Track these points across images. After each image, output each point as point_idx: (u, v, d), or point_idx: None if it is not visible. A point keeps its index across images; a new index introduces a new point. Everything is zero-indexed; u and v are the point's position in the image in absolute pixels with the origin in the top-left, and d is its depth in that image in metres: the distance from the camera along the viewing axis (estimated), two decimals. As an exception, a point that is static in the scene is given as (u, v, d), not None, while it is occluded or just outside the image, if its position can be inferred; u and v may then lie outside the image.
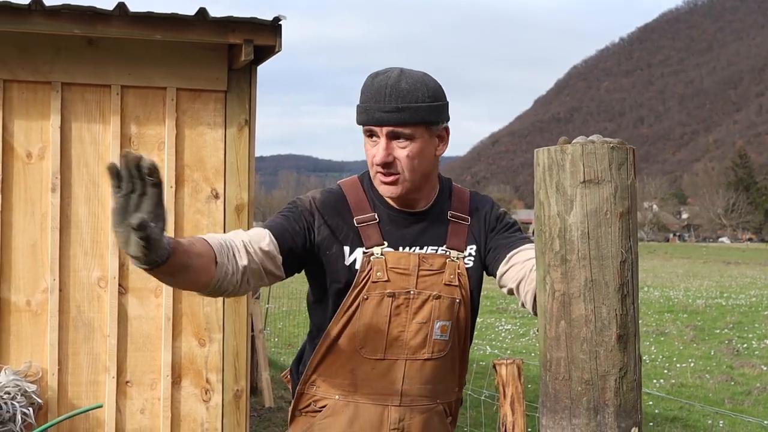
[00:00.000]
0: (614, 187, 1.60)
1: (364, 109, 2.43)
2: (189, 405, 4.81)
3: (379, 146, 2.43)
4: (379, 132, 2.42)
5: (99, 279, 4.72)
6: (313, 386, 2.57)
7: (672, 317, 18.48)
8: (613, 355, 1.60)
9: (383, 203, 2.55)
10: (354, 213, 2.52)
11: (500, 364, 4.09)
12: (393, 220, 2.53)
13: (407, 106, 2.39)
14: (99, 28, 4.48)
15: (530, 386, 8.52)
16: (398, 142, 2.43)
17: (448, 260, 2.53)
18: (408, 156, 2.43)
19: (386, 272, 2.47)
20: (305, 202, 2.52)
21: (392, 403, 2.51)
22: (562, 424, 1.62)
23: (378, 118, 2.40)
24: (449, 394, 2.62)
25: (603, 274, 1.60)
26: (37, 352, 4.66)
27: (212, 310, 4.83)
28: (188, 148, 4.83)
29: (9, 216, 4.64)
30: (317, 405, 2.57)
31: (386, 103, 2.39)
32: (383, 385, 2.50)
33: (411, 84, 2.41)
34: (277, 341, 14.39)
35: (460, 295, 2.52)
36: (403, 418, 2.52)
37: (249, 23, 4.58)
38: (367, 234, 2.50)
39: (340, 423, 2.51)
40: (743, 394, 10.65)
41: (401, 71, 2.45)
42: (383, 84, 2.40)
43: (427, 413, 2.56)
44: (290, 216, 2.49)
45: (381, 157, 2.42)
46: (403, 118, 2.40)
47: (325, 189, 2.60)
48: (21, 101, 4.66)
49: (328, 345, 2.51)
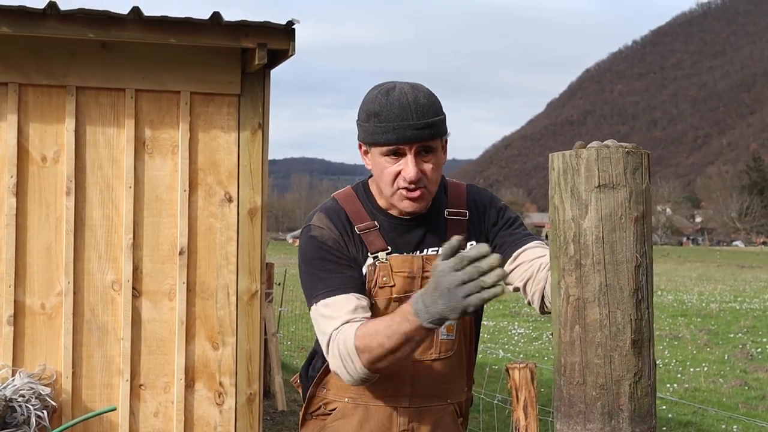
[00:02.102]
0: (629, 191, 1.60)
1: (390, 129, 2.39)
2: (202, 408, 4.82)
3: (407, 163, 2.41)
4: (407, 149, 2.40)
5: (113, 282, 4.74)
6: (323, 389, 2.59)
7: (686, 321, 18.42)
8: (628, 359, 1.59)
9: (382, 212, 2.55)
10: (354, 223, 2.52)
11: (513, 368, 4.07)
12: (394, 227, 2.54)
13: (433, 121, 2.41)
14: (113, 32, 4.50)
15: (543, 390, 8.50)
16: (423, 156, 2.43)
17: None
18: (433, 169, 2.45)
19: (391, 277, 2.48)
20: (326, 235, 2.49)
21: (402, 405, 2.52)
22: (576, 429, 1.62)
23: (410, 136, 2.38)
24: (459, 393, 2.63)
25: (618, 279, 1.60)
26: (51, 355, 4.67)
27: (225, 314, 4.84)
28: (202, 152, 4.84)
29: (24, 219, 4.66)
30: (327, 408, 2.58)
31: (416, 120, 2.38)
32: (392, 387, 2.51)
33: (427, 98, 2.43)
34: (290, 344, 14.40)
35: None
36: (412, 420, 2.53)
37: (262, 27, 4.60)
38: (369, 240, 2.50)
39: (351, 425, 2.53)
40: (757, 399, 10.60)
41: (410, 85, 2.45)
42: (405, 101, 2.39)
43: (438, 414, 2.56)
44: (339, 263, 2.47)
45: (413, 174, 2.40)
46: (432, 134, 2.41)
47: (324, 209, 2.57)
48: (36, 105, 4.69)
49: None
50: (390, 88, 2.44)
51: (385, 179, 2.46)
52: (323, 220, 2.52)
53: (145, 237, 4.77)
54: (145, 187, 4.78)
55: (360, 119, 2.49)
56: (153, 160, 4.80)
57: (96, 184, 4.74)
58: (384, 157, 2.44)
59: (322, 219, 2.52)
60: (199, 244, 4.82)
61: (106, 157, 4.76)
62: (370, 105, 2.44)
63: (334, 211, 2.54)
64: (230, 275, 4.85)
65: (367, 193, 2.58)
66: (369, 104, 2.44)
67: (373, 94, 2.46)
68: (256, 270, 4.88)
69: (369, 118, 2.43)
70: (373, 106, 2.42)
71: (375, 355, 2.26)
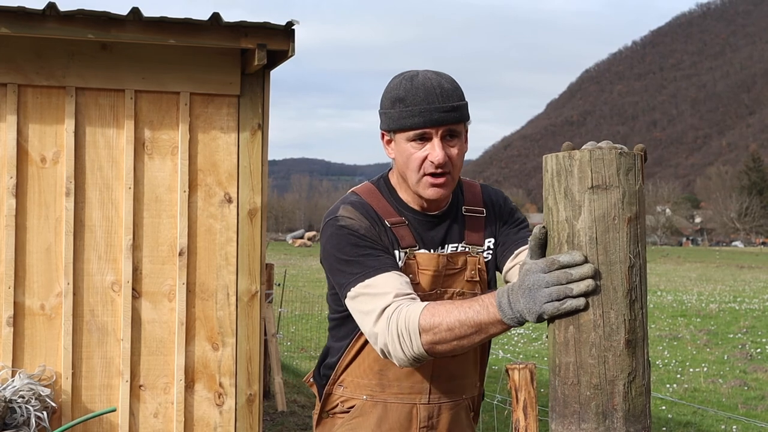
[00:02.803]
0: (622, 192, 1.61)
1: (417, 112, 2.40)
2: (202, 409, 4.83)
3: (433, 147, 2.42)
4: (434, 133, 2.42)
5: (113, 283, 4.75)
6: (341, 387, 2.60)
7: (685, 321, 18.42)
8: (622, 359, 1.60)
9: (406, 208, 2.56)
10: (384, 216, 2.52)
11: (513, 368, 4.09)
12: (420, 223, 2.55)
13: (459, 105, 2.43)
14: (113, 33, 4.50)
15: (543, 391, 8.51)
16: (449, 141, 2.44)
17: (468, 257, 2.55)
18: (458, 155, 2.46)
19: (417, 275, 2.49)
20: (358, 226, 2.45)
21: (420, 402, 2.54)
22: (571, 429, 1.63)
23: (437, 119, 2.40)
24: (473, 388, 2.65)
25: (611, 279, 1.61)
26: (51, 355, 4.68)
27: (225, 315, 4.85)
28: (201, 153, 4.85)
29: (23, 220, 4.67)
30: (345, 405, 2.59)
31: (441, 102, 2.40)
32: (411, 384, 2.52)
33: (450, 83, 2.45)
34: (290, 345, 14.40)
35: (479, 289, 2.55)
36: (432, 416, 2.54)
37: (262, 28, 4.60)
38: (401, 234, 2.50)
39: (369, 423, 2.54)
40: (757, 399, 10.60)
41: (433, 72, 2.47)
42: (430, 85, 2.41)
43: (455, 409, 2.58)
44: (375, 247, 2.43)
45: (441, 157, 2.41)
46: (458, 117, 2.43)
47: (349, 202, 2.54)
48: (35, 106, 4.70)
49: (359, 347, 2.54)
50: (413, 74, 2.46)
51: (411, 165, 2.45)
52: (351, 211, 2.49)
53: (144, 238, 4.78)
54: (145, 187, 4.78)
55: (383, 107, 2.49)
56: (153, 160, 4.81)
57: (95, 185, 4.75)
58: (410, 143, 2.44)
59: (349, 210, 2.50)
60: (199, 244, 4.83)
61: (106, 158, 4.77)
62: (394, 91, 2.45)
63: (360, 204, 2.53)
64: (230, 276, 4.86)
65: (389, 188, 2.59)
66: (393, 91, 2.45)
67: (396, 81, 2.47)
68: (255, 271, 4.89)
69: (394, 104, 2.44)
70: (398, 92, 2.43)
71: (440, 337, 2.14)
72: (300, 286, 18.70)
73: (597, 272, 1.64)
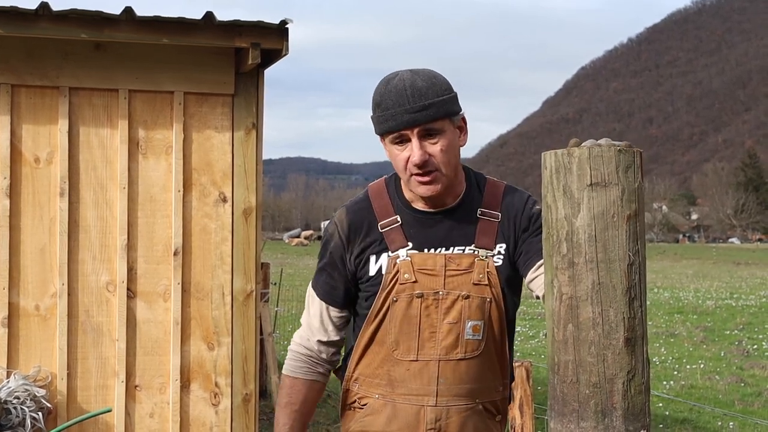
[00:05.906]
0: (621, 190, 1.59)
1: (390, 116, 2.43)
2: (198, 409, 4.82)
3: (412, 148, 2.44)
4: (410, 134, 2.43)
5: (107, 283, 4.73)
6: (356, 384, 2.63)
7: (682, 318, 18.45)
8: (621, 358, 1.59)
9: (407, 206, 2.57)
10: (379, 219, 2.56)
11: (509, 366, 4.05)
12: (418, 221, 2.55)
13: (432, 102, 2.42)
14: (106, 32, 4.49)
15: (540, 388, 8.50)
16: (429, 139, 2.45)
17: (477, 259, 2.53)
18: (441, 150, 2.46)
19: (413, 273, 2.49)
20: (334, 237, 2.62)
21: (428, 404, 2.53)
22: (570, 428, 1.62)
23: (407, 120, 2.42)
24: (491, 393, 2.61)
25: (610, 277, 1.60)
26: (46, 356, 4.66)
27: (221, 314, 4.83)
28: (196, 152, 4.84)
29: (17, 221, 4.65)
30: (361, 402, 2.62)
31: (412, 103, 2.41)
32: (418, 386, 2.52)
33: (426, 80, 2.44)
34: (287, 344, 14.36)
35: (490, 294, 2.52)
36: (439, 418, 2.53)
37: (256, 27, 4.59)
38: (391, 238, 2.54)
39: (380, 422, 2.56)
40: (753, 396, 10.62)
41: (411, 71, 2.47)
42: (401, 87, 2.42)
43: (466, 413, 2.56)
44: (327, 269, 2.64)
45: (419, 157, 2.43)
46: (431, 115, 2.43)
47: (354, 202, 2.64)
48: (29, 106, 4.68)
49: (364, 347, 2.57)
50: (391, 77, 2.48)
51: (398, 167, 2.51)
52: (341, 214, 2.62)
53: (139, 238, 4.76)
54: (139, 187, 4.77)
55: (372, 112, 2.53)
56: (147, 160, 4.79)
57: (90, 185, 4.73)
58: (394, 146, 2.48)
59: (341, 216, 2.62)
60: (194, 244, 4.82)
61: (100, 158, 4.75)
62: (374, 96, 2.49)
63: (359, 208, 2.61)
64: (225, 275, 4.85)
65: (396, 186, 2.62)
66: (374, 95, 2.50)
67: (378, 85, 2.51)
68: (251, 270, 4.88)
69: (374, 109, 2.49)
70: (376, 96, 2.48)
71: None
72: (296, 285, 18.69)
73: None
